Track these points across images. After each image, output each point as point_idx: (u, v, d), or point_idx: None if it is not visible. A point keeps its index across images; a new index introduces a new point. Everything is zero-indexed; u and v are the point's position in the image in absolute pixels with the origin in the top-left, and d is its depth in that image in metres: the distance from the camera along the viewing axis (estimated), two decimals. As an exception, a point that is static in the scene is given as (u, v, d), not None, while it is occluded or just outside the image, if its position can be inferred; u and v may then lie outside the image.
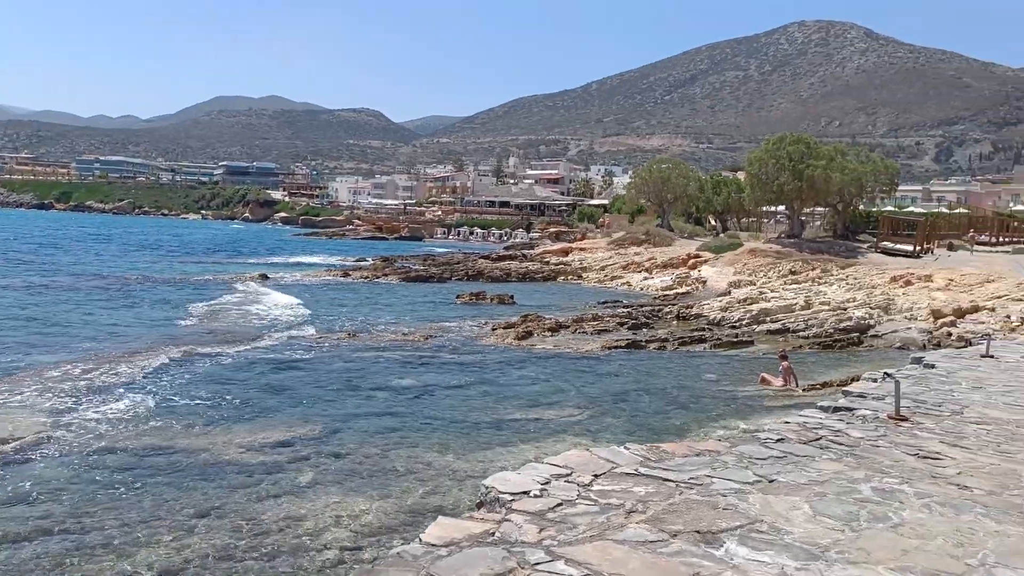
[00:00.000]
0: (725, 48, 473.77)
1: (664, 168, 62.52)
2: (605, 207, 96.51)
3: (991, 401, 7.87)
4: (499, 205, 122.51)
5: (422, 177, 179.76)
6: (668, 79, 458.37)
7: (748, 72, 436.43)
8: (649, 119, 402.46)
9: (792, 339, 24.33)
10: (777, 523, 4.25)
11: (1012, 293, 25.37)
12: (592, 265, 50.47)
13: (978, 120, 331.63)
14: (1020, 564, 3.88)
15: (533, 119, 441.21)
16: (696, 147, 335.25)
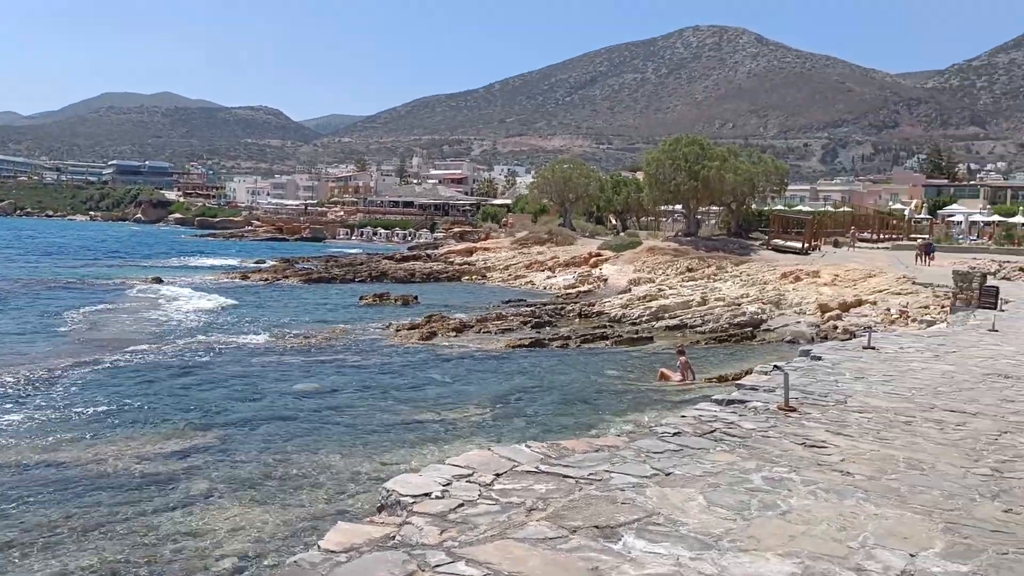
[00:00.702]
0: (624, 51, 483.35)
1: (566, 168, 63.37)
2: (508, 207, 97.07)
3: (872, 391, 8.29)
4: (403, 205, 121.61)
5: (323, 177, 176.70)
6: (569, 80, 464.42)
7: (646, 75, 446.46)
8: (551, 120, 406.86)
9: (690, 334, 25.06)
10: (673, 515, 4.36)
11: (892, 287, 26.82)
12: (496, 265, 50.68)
13: (860, 123, 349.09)
14: (896, 545, 4.10)
15: (436, 119, 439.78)
16: (596, 148, 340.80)
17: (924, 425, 6.82)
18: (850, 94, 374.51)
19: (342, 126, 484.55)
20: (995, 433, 6.64)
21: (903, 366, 10.04)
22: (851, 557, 3.92)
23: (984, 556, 4.01)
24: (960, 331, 14.82)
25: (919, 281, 26.40)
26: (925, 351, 11.55)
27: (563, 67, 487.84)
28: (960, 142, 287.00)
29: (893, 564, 3.86)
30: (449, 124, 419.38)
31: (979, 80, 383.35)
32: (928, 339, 13.34)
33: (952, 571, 3.81)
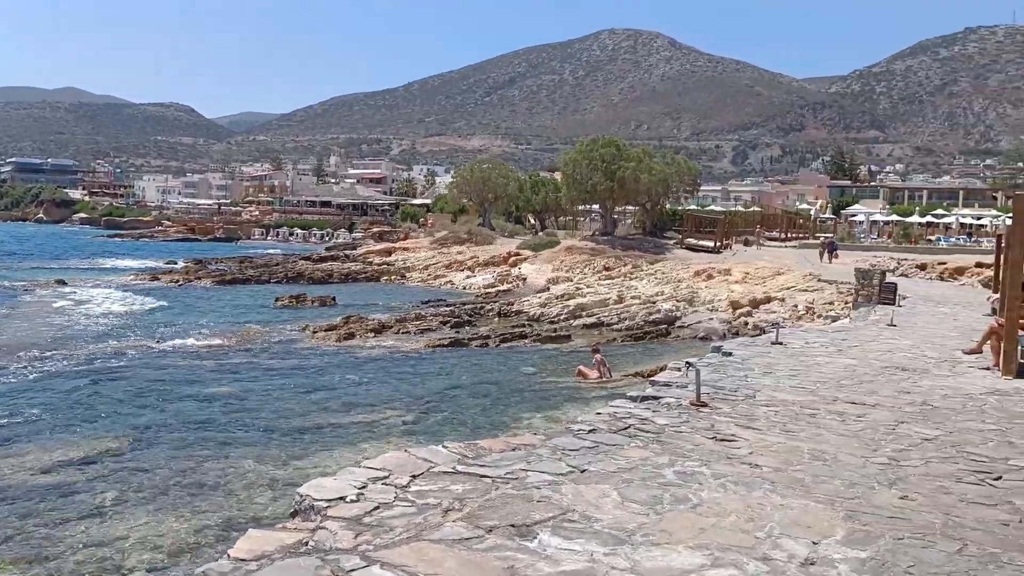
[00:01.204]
0: (542, 52, 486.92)
1: (485, 168, 63.48)
2: (428, 207, 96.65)
3: (779, 385, 8.57)
4: (320, 205, 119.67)
5: (238, 176, 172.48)
6: (488, 81, 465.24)
7: (563, 76, 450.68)
8: (470, 120, 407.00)
9: (607, 332, 25.43)
10: (588, 511, 4.42)
11: (799, 284, 27.77)
12: (415, 265, 50.39)
13: (768, 126, 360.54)
14: (800, 534, 4.25)
15: (354, 118, 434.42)
16: (515, 148, 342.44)
17: (827, 417, 7.09)
18: (759, 98, 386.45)
19: (257, 124, 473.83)
20: (892, 423, 6.95)
21: (808, 360, 10.42)
22: (758, 547, 4.04)
23: (882, 542, 4.19)
24: (862, 326, 15.45)
25: (824, 278, 27.40)
26: (829, 346, 12.00)
27: (482, 67, 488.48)
28: (862, 145, 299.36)
29: (797, 552, 4.00)
30: (367, 123, 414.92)
31: (879, 86, 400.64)
32: (832, 334, 13.87)
33: (852, 557, 3.97)
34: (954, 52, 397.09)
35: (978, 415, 7.46)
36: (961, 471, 5.56)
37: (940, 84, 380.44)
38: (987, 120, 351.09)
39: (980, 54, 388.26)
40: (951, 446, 6.24)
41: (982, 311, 17.52)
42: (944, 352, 11.80)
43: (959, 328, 15.10)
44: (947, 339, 13.40)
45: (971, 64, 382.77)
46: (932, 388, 8.79)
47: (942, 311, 18.88)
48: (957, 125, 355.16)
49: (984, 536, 4.33)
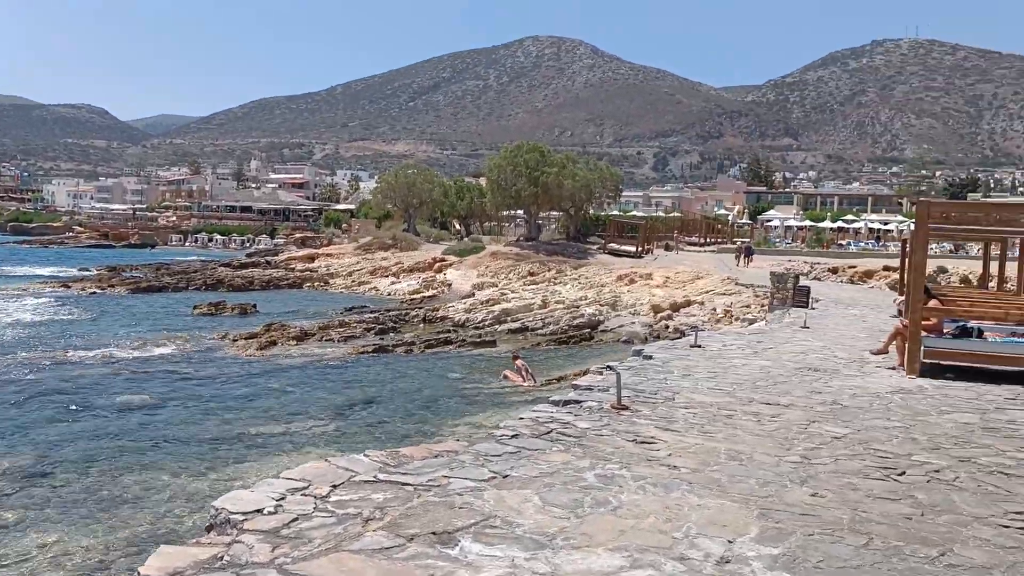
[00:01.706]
0: (466, 58, 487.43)
1: (410, 173, 63.13)
2: (352, 212, 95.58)
3: (697, 387, 8.76)
4: (241, 210, 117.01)
5: (154, 180, 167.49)
6: (412, 86, 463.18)
7: (488, 82, 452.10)
8: (395, 124, 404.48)
9: (532, 337, 25.57)
10: (509, 517, 4.43)
11: (717, 288, 28.46)
12: (339, 271, 49.77)
13: (688, 133, 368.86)
14: (716, 533, 4.36)
15: (276, 121, 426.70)
16: (440, 153, 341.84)
17: (743, 418, 7.27)
18: (679, 106, 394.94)
19: (174, 127, 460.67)
20: (805, 423, 7.18)
21: (726, 363, 10.68)
22: (675, 547, 4.12)
23: (793, 538, 4.32)
24: (776, 328, 15.92)
25: (742, 282, 28.15)
26: (746, 348, 12.33)
27: (406, 72, 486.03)
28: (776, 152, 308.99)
29: (713, 551, 4.09)
30: (289, 127, 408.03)
31: (792, 95, 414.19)
32: (748, 336, 14.25)
33: (765, 554, 4.08)
34: (862, 64, 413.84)
35: (884, 413, 7.76)
36: (868, 467, 5.77)
37: (849, 94, 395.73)
38: (893, 129, 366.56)
39: (886, 66, 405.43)
40: (859, 443, 6.48)
41: (889, 313, 18.27)
42: (853, 353, 12.25)
43: (868, 329, 15.70)
44: (856, 340, 13.92)
45: (878, 75, 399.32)
46: (842, 388, 9.11)
47: (852, 313, 19.60)
48: (865, 134, 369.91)
49: (888, 529, 4.50)
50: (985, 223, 13.99)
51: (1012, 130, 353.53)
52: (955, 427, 7.20)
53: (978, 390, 9.21)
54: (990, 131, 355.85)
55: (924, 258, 10.85)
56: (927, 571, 3.94)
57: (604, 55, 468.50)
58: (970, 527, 4.57)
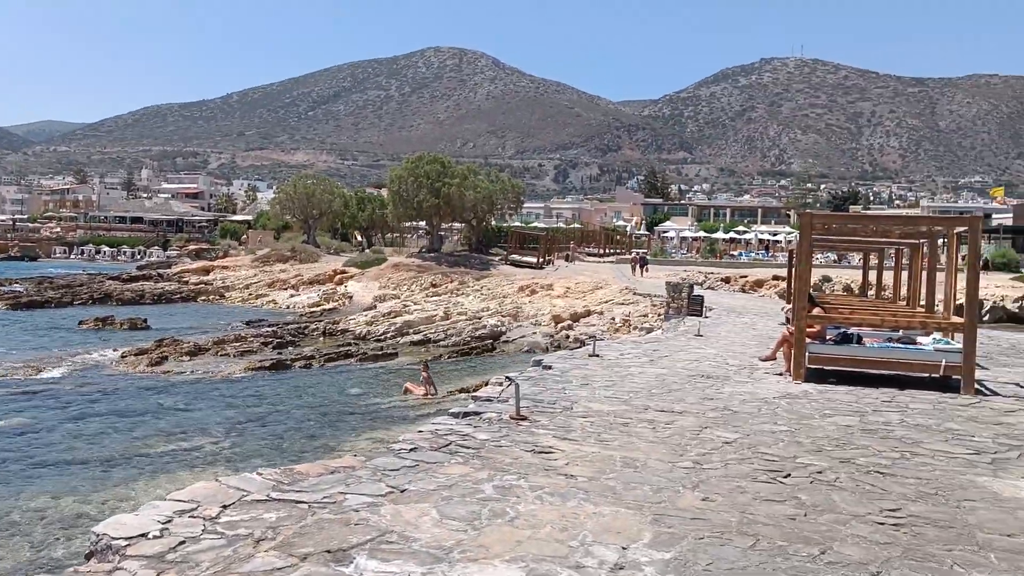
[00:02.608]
0: (367, 67, 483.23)
1: (309, 184, 62.09)
2: (249, 223, 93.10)
3: (595, 396, 8.90)
4: (131, 221, 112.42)
5: (36, 189, 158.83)
6: (312, 95, 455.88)
7: (389, 92, 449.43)
8: (293, 134, 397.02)
9: (434, 348, 25.48)
10: (406, 531, 4.39)
11: (616, 298, 29.04)
12: (236, 284, 48.40)
13: (588, 146, 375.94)
14: (611, 540, 4.43)
15: (168, 129, 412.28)
16: (341, 163, 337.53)
17: (639, 426, 7.43)
18: (579, 119, 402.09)
19: (58, 133, 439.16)
20: (697, 429, 7.39)
21: (623, 371, 10.89)
22: (571, 556, 4.17)
23: (685, 542, 4.43)
24: (672, 337, 16.34)
25: (639, 292, 28.80)
26: (642, 356, 12.60)
27: (305, 81, 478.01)
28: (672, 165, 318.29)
29: (607, 558, 4.16)
30: (183, 135, 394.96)
31: (686, 110, 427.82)
32: (645, 345, 14.58)
33: (657, 559, 4.17)
34: (752, 81, 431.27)
35: (771, 418, 8.06)
36: (756, 471, 5.98)
37: (740, 110, 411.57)
38: (781, 144, 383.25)
39: (774, 83, 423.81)
40: (748, 448, 6.70)
41: (777, 320, 19.01)
42: (744, 360, 12.70)
43: (757, 337, 16.31)
44: (747, 347, 14.43)
45: (767, 92, 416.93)
46: (732, 394, 9.43)
47: (743, 321, 20.30)
48: (755, 148, 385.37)
49: (774, 531, 4.67)
50: (863, 234, 14.77)
51: (888, 146, 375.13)
52: (836, 429, 7.54)
53: (858, 393, 9.68)
54: (869, 147, 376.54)
55: (808, 268, 11.35)
56: (809, 569, 4.10)
57: (506, 67, 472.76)
58: (849, 525, 4.79)
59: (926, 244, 14.97)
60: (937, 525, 4.82)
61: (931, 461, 6.40)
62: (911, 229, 14.32)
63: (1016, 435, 7.51)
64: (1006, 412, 8.76)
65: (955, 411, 8.72)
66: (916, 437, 7.30)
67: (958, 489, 5.62)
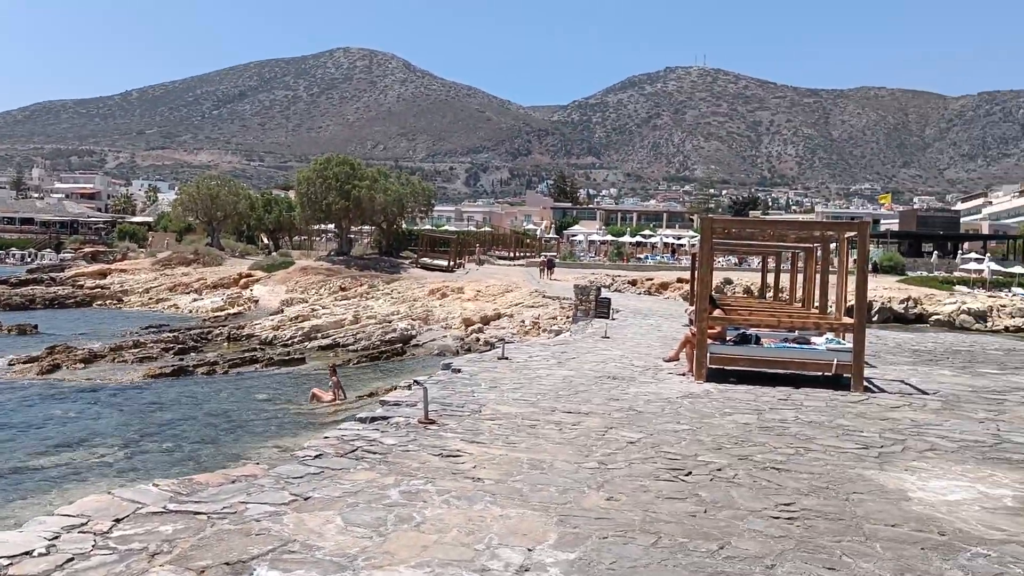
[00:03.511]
0: (274, 67, 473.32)
1: (213, 185, 60.31)
2: (150, 225, 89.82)
3: (503, 398, 8.95)
4: (21, 222, 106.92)
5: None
6: (216, 93, 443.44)
7: (297, 92, 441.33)
8: (197, 133, 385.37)
9: (343, 353, 25.11)
10: (310, 540, 4.32)
11: (526, 301, 29.27)
12: (135, 287, 46.59)
13: (499, 150, 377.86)
14: (517, 542, 4.46)
15: (62, 126, 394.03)
16: (247, 164, 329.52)
17: (546, 427, 7.50)
18: (490, 123, 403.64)
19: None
20: (603, 429, 7.51)
21: (531, 374, 10.98)
22: (477, 559, 4.17)
23: (589, 542, 4.50)
24: (580, 339, 16.57)
25: (549, 295, 29.10)
26: (550, 359, 12.74)
27: (209, 79, 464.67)
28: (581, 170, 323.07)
29: (513, 560, 4.18)
30: (78, 133, 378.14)
31: (595, 116, 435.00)
32: (553, 347, 14.74)
33: (562, 560, 4.22)
34: (657, 88, 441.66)
35: (674, 417, 8.27)
36: (659, 470, 6.12)
37: (646, 117, 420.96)
38: (685, 151, 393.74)
39: (678, 91, 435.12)
40: (651, 447, 6.85)
41: (681, 322, 19.51)
42: (649, 361, 12.98)
43: (662, 338, 16.70)
44: (652, 348, 14.76)
45: (671, 100, 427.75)
46: (637, 394, 9.63)
47: (649, 323, 20.77)
48: (661, 154, 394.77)
49: (676, 528, 4.79)
50: (761, 238, 15.31)
51: (786, 154, 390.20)
52: (736, 427, 7.79)
53: (756, 392, 10.03)
54: (767, 154, 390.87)
55: (710, 271, 11.69)
56: (708, 564, 4.22)
57: (417, 70, 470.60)
58: (746, 520, 4.95)
59: (819, 248, 15.63)
60: (828, 518, 5.03)
61: (823, 456, 6.68)
62: (806, 234, 14.93)
63: (900, 430, 7.92)
64: (891, 408, 9.23)
65: (846, 408, 9.13)
66: (810, 433, 7.60)
67: (847, 482, 5.88)
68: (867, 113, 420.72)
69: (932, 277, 57.50)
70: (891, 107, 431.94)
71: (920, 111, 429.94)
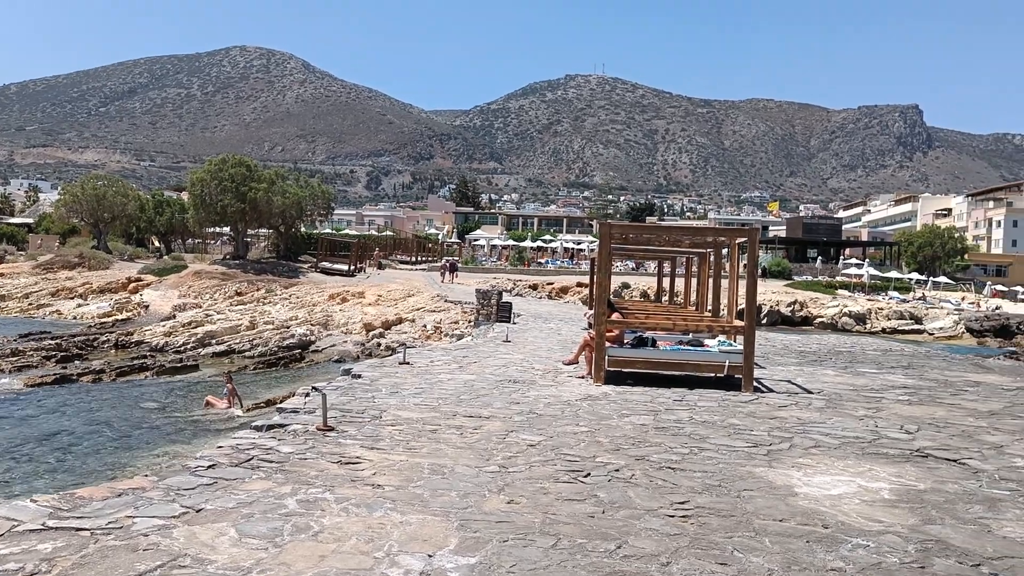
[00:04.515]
0: (166, 63, 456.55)
1: (99, 185, 57.59)
2: (30, 227, 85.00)
3: (405, 403, 8.88)
4: None
5: None
6: (104, 90, 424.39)
7: (191, 91, 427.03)
8: (82, 131, 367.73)
9: (239, 359, 24.42)
10: (201, 554, 4.18)
11: (428, 305, 29.13)
12: (13, 292, 43.95)
13: (400, 154, 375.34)
14: (417, 548, 4.42)
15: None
16: (137, 164, 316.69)
17: (447, 432, 7.49)
18: (391, 126, 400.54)
19: None
20: (504, 433, 7.55)
21: (433, 378, 10.94)
22: (376, 568, 4.12)
23: (490, 546, 4.50)
24: (481, 343, 16.61)
25: (451, 299, 29.06)
26: (452, 363, 12.72)
27: (96, 74, 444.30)
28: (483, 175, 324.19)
29: (413, 567, 4.15)
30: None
31: (496, 122, 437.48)
32: (455, 352, 14.72)
33: (463, 564, 4.21)
34: (557, 95, 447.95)
35: (574, 420, 8.38)
36: (558, 472, 6.19)
37: (547, 123, 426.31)
38: (584, 157, 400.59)
39: (578, 99, 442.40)
40: (551, 450, 6.93)
41: (581, 325, 19.82)
42: (549, 364, 13.13)
43: (562, 341, 16.91)
44: (552, 352, 14.93)
45: (571, 107, 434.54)
46: (538, 398, 9.72)
47: (549, 327, 20.99)
48: (561, 160, 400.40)
49: (574, 529, 4.85)
50: (657, 243, 15.70)
51: (681, 162, 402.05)
52: (633, 428, 7.96)
53: (652, 393, 10.28)
54: (663, 162, 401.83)
55: (608, 275, 11.91)
56: (606, 564, 4.29)
57: (316, 71, 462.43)
58: (643, 519, 5.06)
59: (712, 253, 16.15)
60: (720, 514, 5.19)
61: (716, 455, 6.90)
62: (699, 239, 15.40)
63: (787, 428, 8.26)
64: (780, 407, 9.62)
65: (737, 407, 9.46)
66: (703, 433, 7.84)
67: (738, 480, 6.09)
68: (756, 124, 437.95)
69: (817, 281, 60.39)
70: (779, 118, 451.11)
71: (805, 123, 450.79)
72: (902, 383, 12.36)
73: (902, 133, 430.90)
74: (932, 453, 7.24)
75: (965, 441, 7.85)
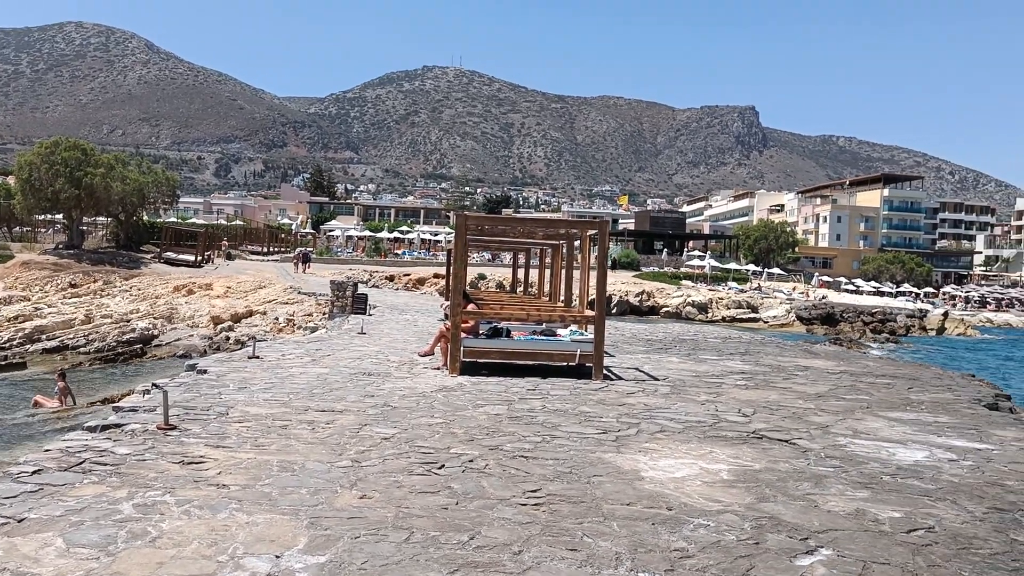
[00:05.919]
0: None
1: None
2: None
3: (253, 399, 8.57)
4: None
5: None
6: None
7: (19, 67, 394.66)
8: None
9: (72, 356, 22.93)
10: (23, 567, 3.87)
11: (280, 297, 28.29)
12: None
13: (252, 140, 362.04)
14: (264, 549, 4.27)
15: None
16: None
17: (298, 427, 7.28)
18: (242, 112, 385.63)
19: None
20: (357, 427, 7.42)
21: (284, 373, 10.62)
22: (219, 572, 3.95)
23: (341, 543, 4.41)
24: (336, 336, 16.29)
25: (304, 291, 28.34)
26: (304, 356, 12.40)
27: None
28: (339, 164, 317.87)
29: (259, 569, 4.00)
30: None
31: (353, 111, 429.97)
32: (308, 345, 14.36)
33: (312, 564, 4.10)
34: (415, 86, 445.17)
35: (428, 411, 8.36)
36: (412, 464, 6.15)
37: (405, 114, 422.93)
38: (442, 149, 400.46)
39: (435, 90, 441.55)
40: (405, 442, 6.87)
41: (437, 317, 19.81)
42: (405, 356, 13.04)
43: (418, 333, 16.85)
44: (408, 343, 14.84)
45: (429, 99, 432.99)
46: (393, 390, 9.63)
47: (406, 318, 20.87)
48: (419, 151, 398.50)
49: (428, 522, 4.83)
50: (513, 235, 15.90)
51: (536, 156, 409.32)
52: (487, 419, 8.02)
53: (507, 383, 10.40)
54: (519, 155, 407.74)
55: (464, 266, 11.95)
56: (459, 556, 4.29)
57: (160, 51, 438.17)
58: (496, 509, 5.10)
59: (565, 245, 16.52)
60: (571, 501, 5.31)
61: (567, 442, 7.06)
62: (552, 232, 15.72)
63: (635, 414, 8.57)
64: (628, 394, 9.96)
65: (587, 395, 9.73)
66: (555, 421, 8.01)
67: (588, 466, 6.26)
68: (607, 120, 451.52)
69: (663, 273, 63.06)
70: (628, 116, 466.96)
71: (653, 121, 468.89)
72: (740, 369, 13.10)
73: (740, 132, 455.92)
74: (766, 435, 7.70)
75: (795, 422, 8.40)
